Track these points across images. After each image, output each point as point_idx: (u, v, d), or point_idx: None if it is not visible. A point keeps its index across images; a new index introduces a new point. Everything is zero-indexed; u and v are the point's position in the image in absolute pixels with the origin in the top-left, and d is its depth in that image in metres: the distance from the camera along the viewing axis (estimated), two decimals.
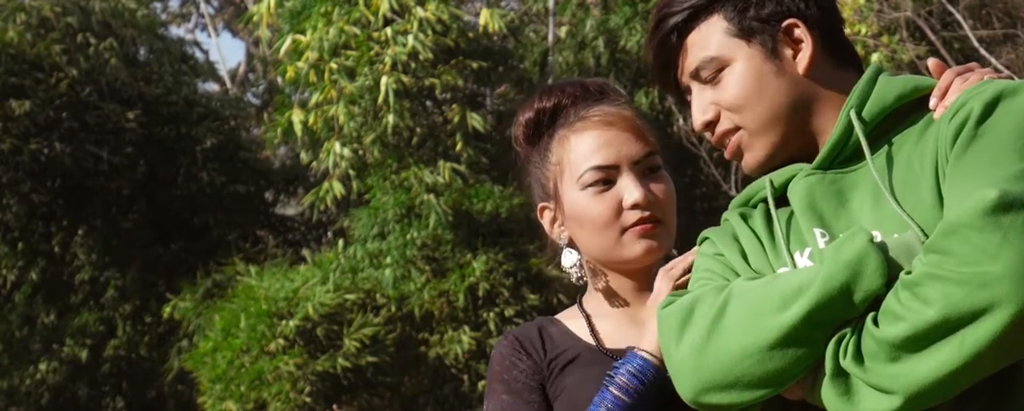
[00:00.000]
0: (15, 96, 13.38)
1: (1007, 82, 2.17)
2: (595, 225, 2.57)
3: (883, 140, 2.26)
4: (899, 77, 2.30)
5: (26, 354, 14.37)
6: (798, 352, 2.13)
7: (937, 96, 2.24)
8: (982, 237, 2.01)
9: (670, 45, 2.40)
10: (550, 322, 2.64)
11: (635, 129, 2.60)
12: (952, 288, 2.02)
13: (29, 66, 13.62)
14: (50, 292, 14.60)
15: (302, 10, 11.65)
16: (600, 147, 2.57)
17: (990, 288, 1.99)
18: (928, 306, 2.03)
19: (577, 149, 2.58)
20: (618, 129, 2.58)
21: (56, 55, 13.82)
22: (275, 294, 11.31)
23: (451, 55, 11.51)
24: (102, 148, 13.72)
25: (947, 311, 2.02)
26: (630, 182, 2.55)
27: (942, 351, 2.05)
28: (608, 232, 2.56)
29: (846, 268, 2.11)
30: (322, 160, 11.53)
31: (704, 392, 2.20)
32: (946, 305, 2.02)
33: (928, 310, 2.03)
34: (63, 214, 14.45)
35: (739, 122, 2.33)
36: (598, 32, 12.98)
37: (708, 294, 2.23)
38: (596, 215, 2.56)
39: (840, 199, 2.25)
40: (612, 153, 2.56)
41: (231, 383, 11.11)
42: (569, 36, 13.65)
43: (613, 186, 2.55)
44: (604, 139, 2.58)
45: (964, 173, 2.10)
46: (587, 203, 2.57)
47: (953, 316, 2.02)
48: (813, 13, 2.34)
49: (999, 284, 1.99)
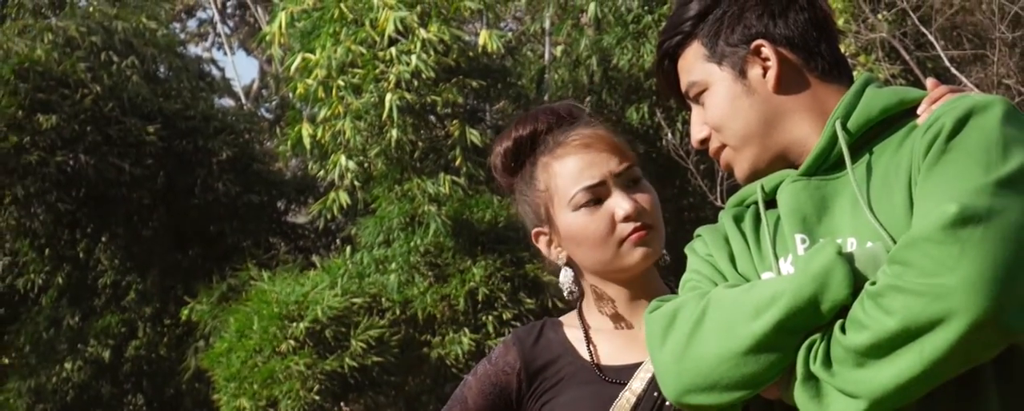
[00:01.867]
0: (42, 111, 13.37)
1: (979, 98, 2.16)
2: (593, 241, 2.57)
3: (866, 149, 2.25)
4: (886, 89, 2.29)
5: (52, 354, 14.35)
6: (771, 357, 2.14)
7: (928, 102, 2.23)
8: (941, 250, 2.01)
9: (666, 69, 2.42)
10: (553, 326, 2.64)
11: (612, 146, 2.60)
12: (911, 299, 2.02)
13: (55, 83, 13.62)
14: (75, 295, 14.59)
15: (312, 30, 11.65)
16: (584, 169, 2.57)
17: (947, 299, 1.99)
18: (889, 316, 2.03)
19: (562, 174, 2.59)
20: (597, 149, 2.59)
21: (81, 72, 13.81)
22: (286, 298, 11.31)
23: (452, 74, 11.51)
24: (124, 160, 13.71)
25: (907, 321, 2.02)
26: (619, 197, 2.56)
27: (903, 358, 2.05)
28: (606, 246, 2.56)
29: (814, 280, 2.12)
30: (330, 171, 11.53)
31: (685, 394, 2.21)
32: (906, 315, 2.02)
33: (889, 320, 2.03)
34: (87, 222, 14.43)
35: (723, 140, 2.34)
36: (591, 51, 12.99)
37: (690, 301, 2.23)
38: (593, 232, 2.56)
39: (823, 205, 2.25)
40: (597, 172, 2.56)
41: (245, 382, 11.11)
42: (564, 55, 13.65)
43: (603, 203, 2.56)
44: (586, 161, 2.58)
45: (931, 186, 2.10)
46: (582, 223, 2.57)
47: (912, 326, 2.02)
48: (781, 32, 2.33)
49: (955, 295, 1.99)
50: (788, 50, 2.31)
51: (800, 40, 2.33)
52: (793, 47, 2.32)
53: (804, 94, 2.31)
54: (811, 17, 2.35)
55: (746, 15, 2.32)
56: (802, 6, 2.34)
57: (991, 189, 2.05)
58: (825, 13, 2.38)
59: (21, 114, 13.32)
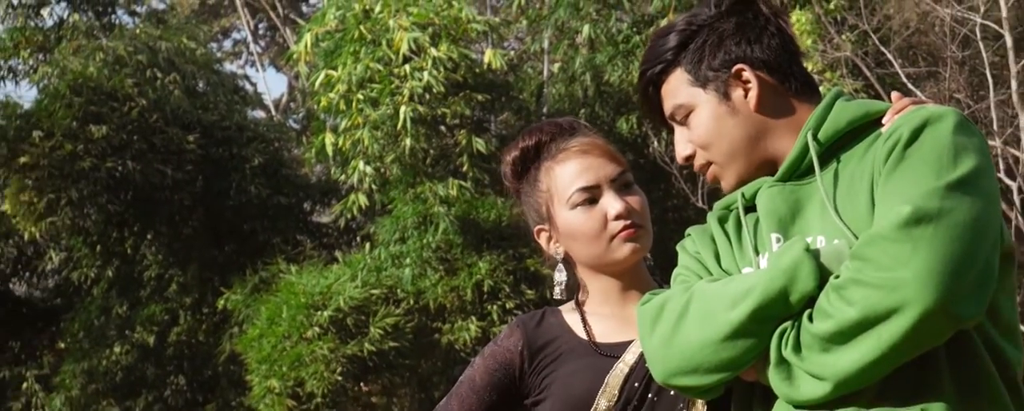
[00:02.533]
0: (94, 122, 13.38)
1: (934, 109, 2.17)
2: (587, 237, 2.58)
3: (835, 157, 2.25)
4: (853, 102, 2.30)
5: (103, 339, 14.37)
6: (747, 343, 2.15)
7: (892, 113, 2.24)
8: (896, 247, 2.01)
9: (649, 94, 2.42)
10: (553, 312, 2.64)
11: (608, 153, 2.62)
12: (870, 291, 2.02)
13: (106, 97, 13.63)
14: (123, 287, 14.60)
15: (334, 50, 11.65)
16: (582, 172, 2.58)
17: (901, 291, 2.00)
18: (851, 306, 2.04)
19: (562, 175, 2.60)
20: (594, 155, 2.60)
21: (128, 87, 13.82)
22: (312, 289, 11.32)
23: (460, 88, 11.51)
24: (167, 166, 13.72)
25: (866, 311, 2.03)
26: (611, 197, 2.57)
27: (863, 344, 2.05)
28: (599, 241, 2.58)
29: (784, 274, 2.12)
30: (350, 176, 11.53)
31: (672, 376, 2.23)
32: (865, 306, 2.02)
33: (850, 310, 2.04)
34: (134, 221, 14.44)
35: (709, 157, 2.34)
36: (586, 68, 12.97)
37: (676, 294, 2.25)
38: (587, 228, 2.58)
39: (796, 207, 2.25)
40: (593, 175, 2.58)
41: (275, 364, 11.11)
42: (561, 72, 13.64)
43: (597, 203, 2.57)
44: (584, 165, 2.59)
45: (890, 189, 2.10)
46: (578, 219, 2.58)
47: (871, 315, 2.02)
48: (758, 56, 2.33)
49: (908, 287, 2.00)
50: (766, 72, 2.32)
51: (775, 63, 2.33)
52: (770, 69, 2.32)
53: (782, 111, 2.31)
54: (782, 42, 2.35)
55: (725, 42, 2.32)
56: (773, 32, 2.34)
57: (942, 192, 2.05)
58: (792, 37, 2.39)
59: (75, 125, 13.33)
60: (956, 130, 2.13)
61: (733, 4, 2.36)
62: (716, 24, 2.35)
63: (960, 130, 2.14)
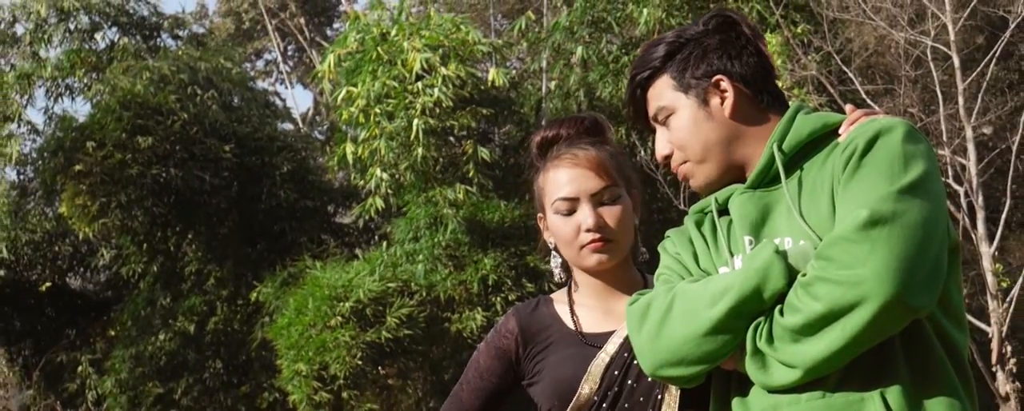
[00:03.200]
0: (141, 134, 13.40)
1: (886, 121, 2.17)
2: (562, 240, 2.58)
3: (798, 165, 2.25)
4: (813, 115, 2.30)
5: (149, 328, 14.38)
6: (725, 337, 2.16)
7: (847, 124, 2.24)
8: (855, 247, 2.01)
9: (637, 98, 2.42)
10: (546, 302, 2.63)
11: (597, 167, 2.56)
12: (834, 287, 2.02)
13: (151, 111, 13.64)
14: (166, 281, 14.62)
15: (354, 69, 11.66)
16: (566, 182, 2.56)
17: (861, 287, 1.99)
18: (817, 301, 2.03)
19: (551, 181, 2.59)
20: (582, 168, 2.56)
21: (171, 103, 13.83)
22: (335, 283, 11.31)
23: (467, 103, 11.51)
24: (205, 173, 13.73)
25: (831, 305, 2.02)
26: (586, 211, 2.54)
27: (829, 335, 2.05)
28: (572, 247, 2.57)
29: (757, 274, 2.12)
30: (368, 181, 11.53)
31: (659, 368, 2.23)
32: (830, 300, 2.02)
33: (817, 304, 2.03)
34: (176, 222, 14.45)
35: (685, 156, 2.34)
36: (580, 86, 12.98)
37: (660, 294, 2.25)
38: (563, 234, 2.57)
39: (765, 212, 2.25)
40: (574, 188, 2.55)
41: (302, 350, 11.11)
42: (557, 88, 13.64)
43: (575, 213, 2.54)
44: (570, 176, 2.56)
45: (848, 195, 2.11)
46: (558, 224, 2.57)
47: (835, 309, 2.02)
48: (736, 70, 2.33)
49: (868, 283, 1.99)
50: (742, 85, 2.32)
51: (751, 77, 2.33)
52: (746, 83, 2.33)
53: (753, 120, 2.32)
54: (759, 61, 2.36)
55: (709, 56, 2.33)
56: (752, 51, 2.35)
57: (894, 196, 2.05)
58: (768, 58, 2.40)
59: (124, 136, 13.34)
60: (905, 139, 2.13)
61: (719, 24, 2.37)
62: (702, 39, 2.36)
63: (909, 139, 2.14)
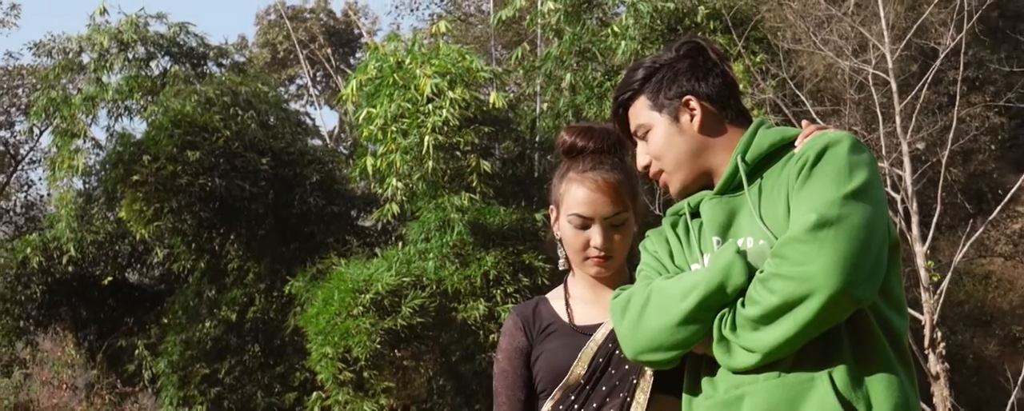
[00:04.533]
0: (189, 149, 13.39)
1: (834, 134, 2.17)
2: (570, 248, 2.59)
3: (759, 174, 2.25)
4: (773, 129, 2.31)
5: (197, 316, 14.37)
6: (695, 327, 2.17)
7: (802, 137, 2.25)
8: (806, 247, 2.00)
9: (620, 116, 2.43)
10: (542, 300, 2.63)
11: (614, 194, 2.53)
12: (787, 282, 2.01)
13: (199, 129, 13.64)
14: (212, 276, 14.60)
15: (374, 93, 11.65)
16: (584, 202, 2.55)
17: (810, 281, 1.99)
18: (772, 294, 2.03)
19: (572, 195, 2.57)
20: (601, 193, 2.53)
21: (216, 122, 13.83)
22: (357, 277, 11.29)
23: (471, 122, 11.50)
24: (245, 182, 13.72)
25: (785, 297, 2.02)
26: (597, 232, 2.53)
27: (783, 324, 2.05)
28: (578, 255, 2.58)
29: (720, 272, 2.12)
30: (386, 190, 11.52)
31: (639, 354, 2.24)
32: (784, 293, 2.01)
33: (773, 297, 2.03)
34: (220, 225, 14.44)
35: (661, 165, 2.35)
36: (568, 107, 12.98)
37: (639, 289, 2.27)
38: (572, 243, 2.57)
39: (731, 215, 2.25)
40: (590, 209, 2.54)
41: (328, 335, 11.09)
42: (549, 109, 13.64)
43: (587, 229, 2.53)
44: (589, 198, 2.54)
45: (800, 200, 2.12)
46: (569, 234, 2.57)
47: (788, 301, 2.01)
48: (704, 90, 2.35)
49: (817, 278, 1.99)
50: (709, 103, 2.33)
51: (717, 97, 2.34)
52: (712, 101, 2.34)
53: (719, 133, 2.33)
54: (724, 81, 2.37)
55: (679, 78, 2.35)
56: (718, 74, 2.36)
57: (840, 201, 2.05)
58: (733, 79, 2.41)
59: (175, 151, 13.33)
60: (850, 150, 2.14)
61: (689, 50, 2.38)
62: (674, 64, 2.37)
63: (854, 150, 2.14)
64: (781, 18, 12.86)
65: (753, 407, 2.09)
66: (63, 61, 15.18)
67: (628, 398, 2.43)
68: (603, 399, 2.45)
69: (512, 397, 2.54)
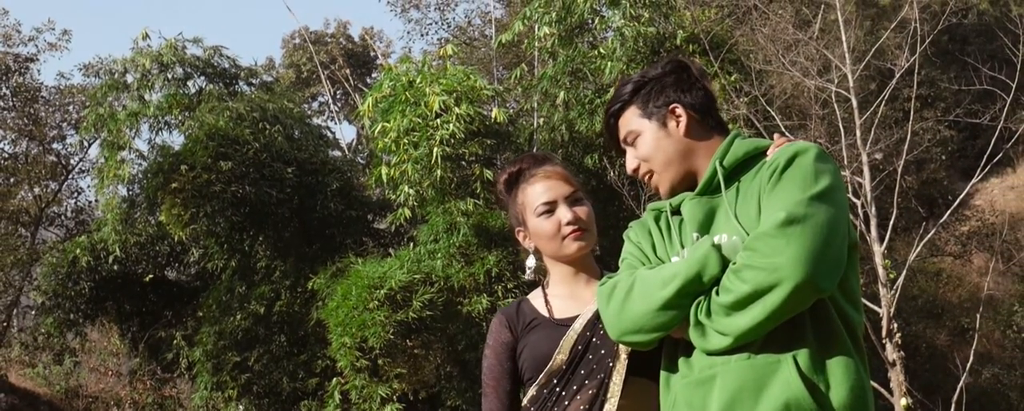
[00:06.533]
0: (222, 159, 13.39)
1: (802, 144, 2.20)
2: (547, 236, 2.58)
3: (735, 178, 2.28)
4: (748, 139, 2.34)
5: (229, 310, 14.34)
6: (674, 312, 2.18)
7: (774, 147, 2.28)
8: (775, 241, 2.01)
9: (610, 125, 2.45)
10: (524, 300, 2.63)
11: (564, 178, 2.61)
12: (757, 272, 2.02)
13: (231, 141, 13.63)
14: (243, 273, 14.58)
15: (388, 109, 11.65)
16: (545, 191, 2.58)
17: (778, 272, 2.00)
18: (744, 283, 2.03)
19: (531, 193, 2.61)
20: (554, 179, 2.60)
21: (246, 135, 13.82)
22: (372, 275, 11.28)
23: (475, 135, 11.50)
24: (272, 189, 13.71)
25: (754, 286, 2.02)
26: (564, 209, 2.56)
27: (753, 310, 2.05)
28: (555, 239, 2.57)
29: (697, 263, 2.13)
30: (399, 196, 11.51)
31: (623, 335, 2.25)
32: (754, 283, 2.02)
33: (744, 286, 2.03)
34: (250, 228, 14.42)
35: (650, 168, 2.37)
36: (562, 122, 12.99)
37: (623, 278, 2.27)
38: (547, 230, 2.57)
39: (710, 214, 2.27)
40: (552, 193, 2.57)
41: (347, 327, 11.08)
42: (545, 124, 13.65)
43: (555, 213, 2.55)
44: (546, 186, 2.59)
45: (771, 201, 2.14)
46: (542, 224, 2.57)
47: (758, 289, 2.02)
48: (688, 100, 2.37)
49: (784, 269, 2.00)
50: (693, 111, 2.34)
51: (699, 106, 2.37)
52: (695, 110, 2.36)
53: (702, 138, 2.35)
54: (705, 94, 2.39)
55: (666, 90, 2.37)
56: (700, 87, 2.39)
57: (806, 202, 2.05)
58: (712, 93, 2.44)
59: (210, 161, 13.33)
60: (817, 158, 2.15)
61: (673, 67, 2.40)
62: (661, 78, 2.40)
63: (819, 158, 2.16)
64: (753, 42, 12.88)
65: (725, 385, 2.10)
66: (110, 81, 15.19)
67: (606, 379, 2.44)
68: (582, 382, 2.46)
69: (498, 387, 2.56)
